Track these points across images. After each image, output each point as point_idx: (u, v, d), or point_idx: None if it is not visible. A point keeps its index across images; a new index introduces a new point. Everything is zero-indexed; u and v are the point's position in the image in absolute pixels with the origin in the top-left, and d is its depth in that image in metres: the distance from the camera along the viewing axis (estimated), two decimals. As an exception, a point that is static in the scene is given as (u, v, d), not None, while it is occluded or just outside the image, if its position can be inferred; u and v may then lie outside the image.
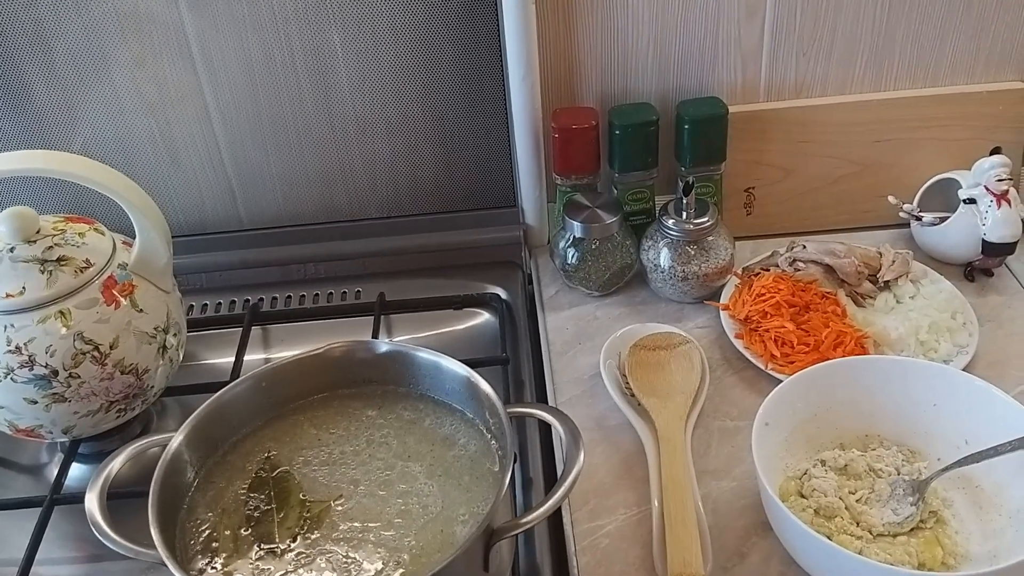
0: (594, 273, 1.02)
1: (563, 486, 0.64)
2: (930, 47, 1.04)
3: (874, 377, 0.80)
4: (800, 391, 0.79)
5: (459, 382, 0.73)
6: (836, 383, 0.80)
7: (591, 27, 1.01)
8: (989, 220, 0.98)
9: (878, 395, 0.80)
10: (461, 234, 1.11)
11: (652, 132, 1.01)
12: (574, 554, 0.77)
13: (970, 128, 1.06)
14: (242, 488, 0.71)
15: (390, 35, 0.99)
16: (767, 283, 0.96)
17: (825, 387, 0.80)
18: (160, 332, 0.86)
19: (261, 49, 0.99)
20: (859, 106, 1.06)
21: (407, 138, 1.06)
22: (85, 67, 0.99)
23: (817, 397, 0.80)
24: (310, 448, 0.74)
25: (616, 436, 0.87)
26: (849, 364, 0.82)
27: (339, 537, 0.67)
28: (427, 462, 0.72)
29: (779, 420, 0.78)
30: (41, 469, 0.93)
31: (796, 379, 0.79)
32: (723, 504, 0.80)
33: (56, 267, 0.80)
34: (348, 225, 1.11)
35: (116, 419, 0.86)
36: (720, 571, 0.74)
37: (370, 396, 0.77)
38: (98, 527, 0.65)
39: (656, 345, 0.93)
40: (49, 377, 0.80)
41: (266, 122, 1.04)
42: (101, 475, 0.68)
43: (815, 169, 1.08)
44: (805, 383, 0.79)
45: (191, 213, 1.09)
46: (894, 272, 0.98)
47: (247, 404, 0.75)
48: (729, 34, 1.02)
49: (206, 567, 0.65)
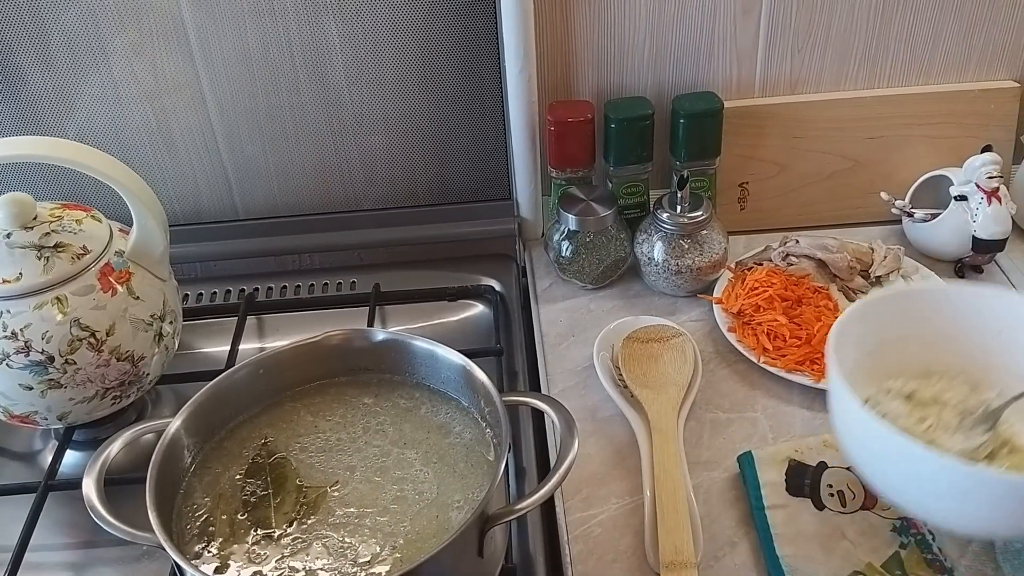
0: (588, 266, 1.02)
1: (557, 473, 0.65)
2: (923, 45, 1.05)
3: (940, 306, 0.78)
4: (867, 319, 0.76)
5: (455, 371, 0.74)
6: (901, 312, 0.77)
7: (588, 21, 1.01)
8: (979, 217, 0.99)
9: (943, 325, 0.77)
10: (456, 226, 1.11)
11: (647, 126, 1.02)
12: (567, 542, 0.77)
13: (962, 126, 1.07)
14: (239, 474, 0.71)
15: (388, 27, 1.00)
16: (760, 277, 0.97)
17: (890, 317, 0.77)
18: (156, 320, 0.86)
19: (259, 40, 1.00)
20: (853, 103, 1.07)
21: (403, 130, 1.07)
22: (82, 54, 0.99)
23: (880, 327, 0.77)
24: (307, 435, 0.74)
25: (609, 427, 0.88)
26: (914, 293, 0.80)
27: (335, 522, 0.67)
28: (423, 449, 0.72)
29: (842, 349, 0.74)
30: (35, 456, 0.93)
31: (860, 308, 0.76)
32: (715, 494, 0.80)
33: (53, 253, 0.80)
34: (344, 216, 1.11)
35: (111, 406, 0.86)
36: (711, 559, 0.75)
37: (367, 384, 0.78)
38: (95, 511, 0.65)
39: (649, 338, 0.93)
40: (45, 363, 0.80)
41: (263, 113, 1.04)
42: (99, 459, 0.68)
43: (809, 165, 1.08)
44: (870, 312, 0.76)
45: (187, 202, 1.10)
46: (885, 267, 0.99)
47: (245, 391, 0.75)
48: (725, 30, 1.03)
49: (202, 551, 0.65)
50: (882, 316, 0.77)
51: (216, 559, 0.65)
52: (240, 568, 0.64)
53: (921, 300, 0.79)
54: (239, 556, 0.65)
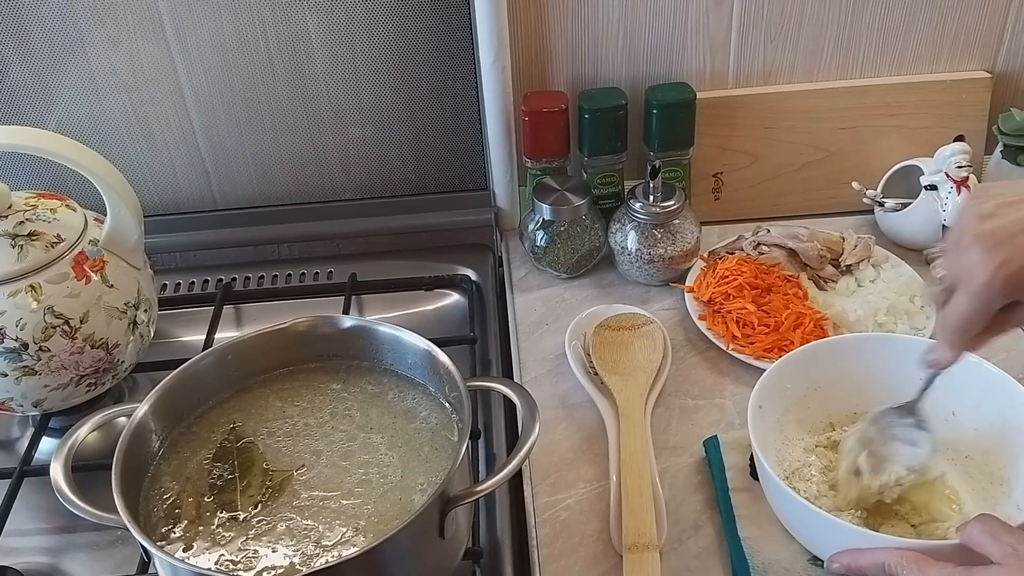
0: (563, 255, 1.03)
1: (518, 455, 0.65)
2: (895, 36, 1.06)
3: (863, 355, 0.80)
4: (791, 372, 0.79)
5: (420, 356, 0.75)
6: (826, 362, 0.80)
7: (562, 12, 1.02)
8: (949, 206, 1.00)
9: (866, 373, 0.80)
10: (433, 216, 1.12)
11: (621, 117, 1.03)
12: (534, 526, 0.78)
13: (934, 116, 1.08)
14: (206, 458, 0.72)
15: (363, 19, 1.01)
16: (731, 266, 0.98)
17: (815, 367, 0.80)
18: (131, 308, 0.87)
19: (235, 31, 1.01)
20: (825, 93, 1.07)
21: (380, 121, 1.08)
22: (60, 46, 1.00)
23: (806, 377, 0.80)
24: (275, 420, 0.75)
25: (579, 414, 0.89)
26: (837, 343, 0.82)
27: (300, 505, 0.68)
28: (389, 434, 0.73)
29: (772, 403, 0.77)
30: (12, 443, 0.94)
31: (786, 360, 0.79)
32: (681, 479, 0.81)
33: (27, 242, 0.81)
34: (321, 206, 1.12)
35: (87, 393, 0.87)
36: (675, 542, 0.76)
37: (335, 370, 0.79)
38: (62, 493, 0.66)
39: (620, 325, 0.94)
40: (19, 350, 0.81)
41: (240, 103, 1.05)
42: (66, 443, 0.69)
43: (782, 155, 1.09)
44: (796, 363, 0.79)
45: (165, 193, 1.10)
46: (856, 256, 1.00)
47: (213, 376, 0.76)
48: (698, 21, 1.04)
49: (168, 532, 0.66)
50: (811, 366, 0.80)
51: (181, 541, 0.66)
52: (204, 549, 0.65)
53: (847, 349, 0.81)
54: (204, 538, 0.66)
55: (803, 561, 0.72)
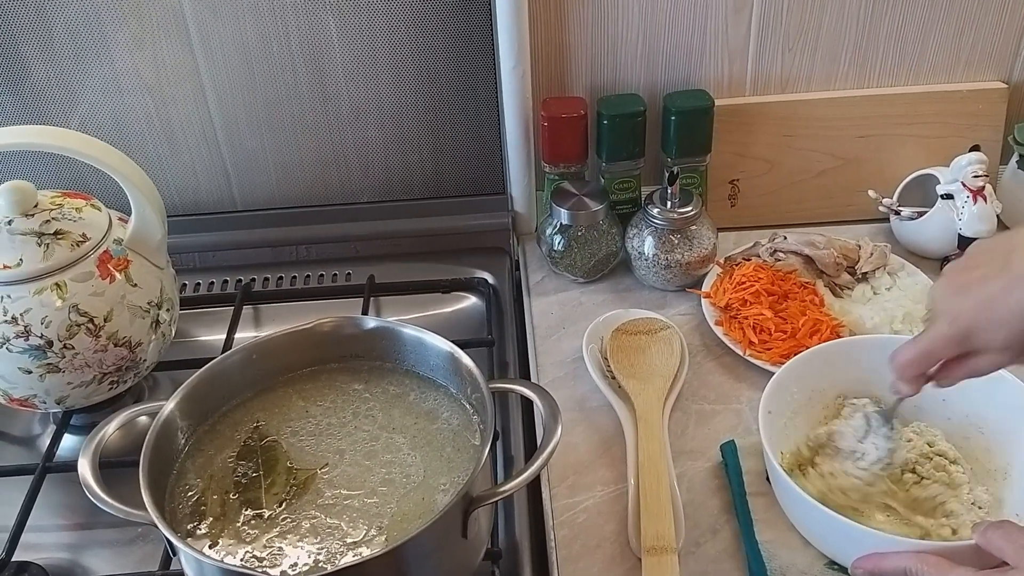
0: (580, 260, 1.04)
1: (541, 456, 0.66)
2: (913, 46, 1.07)
3: (863, 355, 0.82)
4: (794, 377, 0.80)
5: (443, 358, 0.76)
6: (825, 366, 0.82)
7: (582, 19, 1.03)
8: (965, 215, 1.00)
9: (866, 372, 0.81)
10: (451, 220, 1.13)
11: (639, 123, 1.04)
12: (552, 528, 0.79)
13: (950, 126, 1.09)
14: (231, 456, 0.73)
15: (385, 23, 1.01)
16: (747, 272, 0.98)
17: (816, 371, 0.81)
18: (153, 307, 0.88)
19: (258, 34, 1.01)
20: (842, 102, 1.08)
21: (400, 124, 1.08)
22: (84, 46, 1.01)
23: (809, 382, 0.81)
24: (298, 419, 0.76)
25: (596, 417, 0.89)
26: (842, 346, 0.84)
27: (324, 503, 0.69)
28: (411, 434, 0.74)
29: (779, 408, 0.79)
30: (34, 440, 0.95)
31: (788, 367, 0.80)
32: (698, 483, 0.82)
33: (53, 240, 0.82)
34: (340, 208, 1.13)
35: (109, 391, 0.88)
36: (692, 545, 0.76)
37: (357, 371, 0.79)
38: (90, 488, 0.67)
39: (637, 330, 0.95)
40: (44, 348, 0.82)
41: (261, 105, 1.06)
42: (94, 439, 0.70)
43: (798, 163, 1.10)
44: (797, 369, 0.81)
45: (186, 193, 1.11)
46: (872, 264, 1.01)
47: (238, 375, 0.77)
48: (717, 28, 1.04)
49: (194, 529, 0.67)
50: (814, 370, 0.82)
51: (207, 537, 0.67)
52: (230, 546, 0.66)
53: (853, 351, 0.83)
54: (229, 535, 0.67)
55: (820, 566, 0.73)
